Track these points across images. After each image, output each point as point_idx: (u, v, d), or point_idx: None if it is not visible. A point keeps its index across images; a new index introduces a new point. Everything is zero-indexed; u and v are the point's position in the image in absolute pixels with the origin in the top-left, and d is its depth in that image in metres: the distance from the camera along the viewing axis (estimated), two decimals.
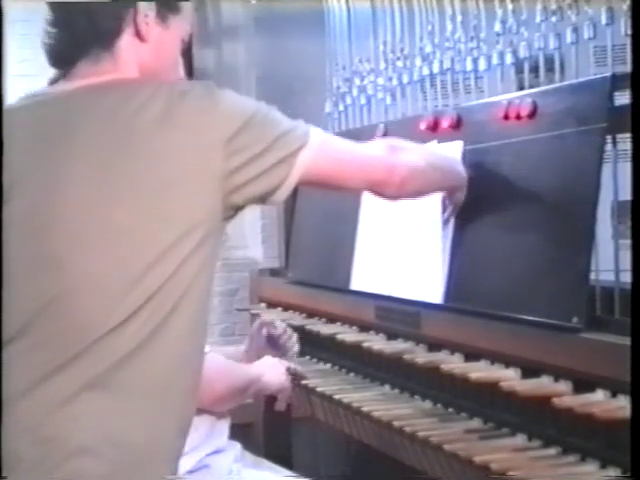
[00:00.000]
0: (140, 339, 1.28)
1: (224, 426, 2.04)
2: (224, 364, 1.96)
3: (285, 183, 1.38)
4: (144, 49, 1.42)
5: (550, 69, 1.98)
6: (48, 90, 1.43)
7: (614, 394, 1.48)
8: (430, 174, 1.74)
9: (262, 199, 1.39)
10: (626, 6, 1.69)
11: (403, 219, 2.18)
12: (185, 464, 1.88)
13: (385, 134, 2.39)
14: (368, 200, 2.38)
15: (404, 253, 2.14)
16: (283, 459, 2.55)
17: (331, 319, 2.42)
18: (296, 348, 2.27)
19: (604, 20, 1.81)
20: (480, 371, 1.75)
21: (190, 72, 4.69)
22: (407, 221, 2.16)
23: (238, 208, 1.39)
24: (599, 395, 1.51)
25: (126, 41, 1.41)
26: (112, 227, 1.28)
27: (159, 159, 1.29)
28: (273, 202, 1.40)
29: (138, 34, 1.41)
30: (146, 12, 1.41)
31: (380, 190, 1.63)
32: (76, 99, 1.36)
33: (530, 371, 1.66)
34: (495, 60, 2.16)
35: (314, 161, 1.41)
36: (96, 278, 1.27)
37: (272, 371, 2.10)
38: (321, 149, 1.43)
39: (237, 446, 2.07)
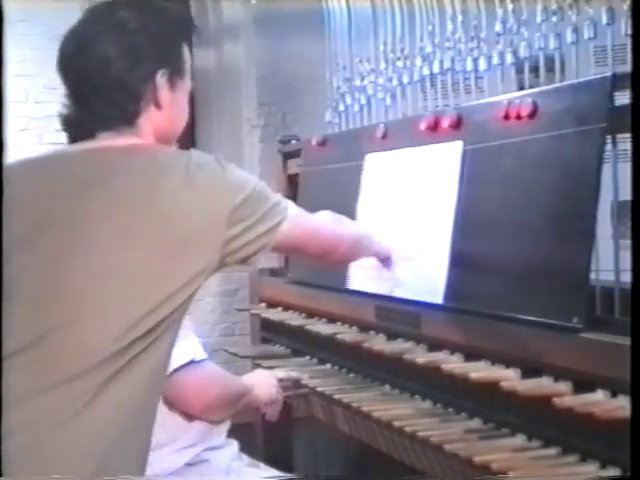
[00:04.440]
0: (121, 369, 1.37)
1: (221, 427, 2.04)
2: (218, 371, 1.96)
3: (264, 250, 1.55)
4: (158, 115, 1.52)
5: (550, 69, 1.98)
6: (72, 147, 1.52)
7: (614, 394, 1.48)
8: (361, 246, 1.99)
9: (243, 261, 1.53)
10: (626, 6, 1.69)
11: (403, 219, 2.18)
12: (183, 457, 1.90)
13: (385, 134, 2.39)
14: (367, 200, 2.38)
15: (404, 252, 2.14)
16: (283, 459, 2.55)
17: (331, 319, 2.42)
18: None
19: (604, 20, 1.81)
20: (480, 371, 1.75)
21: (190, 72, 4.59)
22: (408, 221, 2.16)
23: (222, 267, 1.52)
24: (599, 395, 1.51)
25: (145, 112, 1.50)
26: (121, 273, 1.38)
27: (175, 219, 1.40)
28: (248, 264, 1.56)
29: (156, 103, 1.51)
30: (161, 82, 1.50)
31: (326, 257, 1.86)
32: (101, 156, 1.46)
33: (530, 371, 1.66)
34: (495, 60, 2.16)
35: (289, 232, 1.58)
36: (98, 313, 1.37)
37: (262, 384, 2.13)
38: (295, 222, 1.62)
39: (234, 444, 2.07)
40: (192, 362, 1.84)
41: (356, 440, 2.14)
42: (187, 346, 1.83)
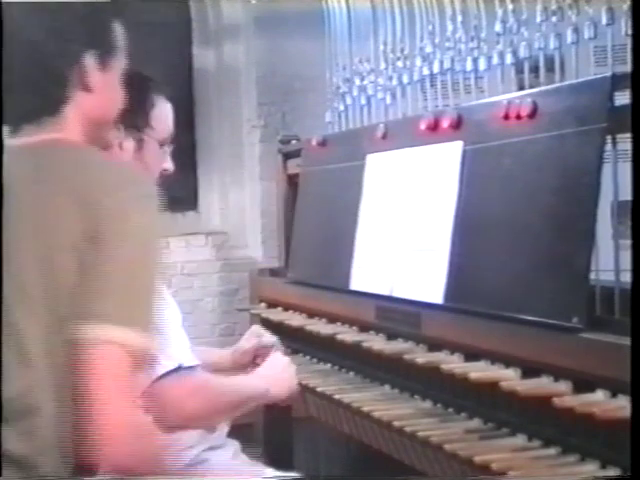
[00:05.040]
0: None
1: (221, 427, 2.02)
2: (201, 382, 1.75)
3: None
4: (88, 99, 1.38)
5: (550, 69, 1.99)
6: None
7: (614, 394, 1.48)
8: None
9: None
10: (626, 6, 1.69)
11: (404, 219, 2.18)
12: (183, 458, 1.86)
13: (385, 134, 2.39)
14: (368, 200, 2.38)
15: (405, 252, 2.14)
16: (283, 459, 2.55)
17: (331, 319, 2.42)
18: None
19: (604, 20, 1.81)
20: (480, 371, 1.75)
21: (190, 72, 4.59)
22: (408, 221, 2.16)
23: None
24: (599, 395, 1.51)
25: (73, 99, 1.37)
26: (14, 288, 1.27)
27: (43, 227, 1.28)
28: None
29: (85, 87, 1.37)
30: (89, 63, 1.37)
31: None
32: (17, 156, 1.34)
33: (530, 371, 1.66)
34: (495, 60, 2.16)
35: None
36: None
37: (279, 381, 1.94)
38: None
39: (236, 444, 2.06)
40: (176, 370, 1.69)
41: (356, 440, 2.14)
42: (170, 353, 1.68)
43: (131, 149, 1.78)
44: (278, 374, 1.95)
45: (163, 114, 1.84)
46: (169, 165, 1.86)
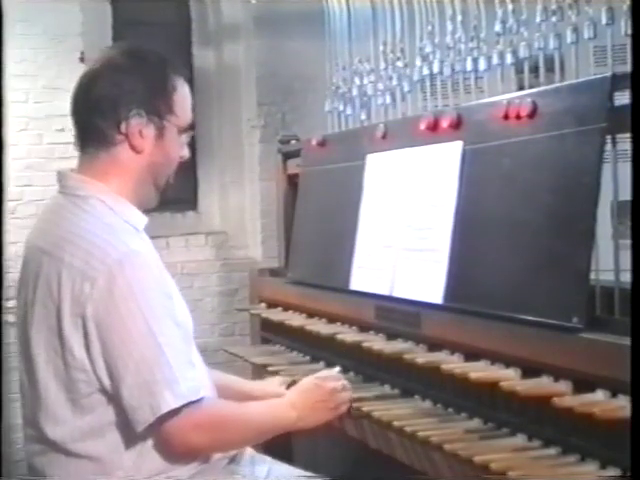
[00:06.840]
0: None
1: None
2: (206, 415, 1.64)
3: None
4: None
5: (550, 69, 1.98)
6: None
7: (614, 394, 1.48)
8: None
9: None
10: (626, 6, 1.69)
11: (403, 219, 2.18)
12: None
13: (385, 134, 2.39)
14: (368, 200, 2.38)
15: (405, 252, 2.14)
16: (283, 458, 2.54)
17: (331, 319, 2.42)
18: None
19: (604, 20, 1.81)
20: (480, 371, 1.75)
21: (190, 72, 4.60)
22: (407, 221, 2.16)
23: None
24: (599, 395, 1.51)
25: None
26: None
27: None
28: None
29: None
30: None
31: None
32: None
33: (530, 371, 1.66)
34: (495, 60, 2.16)
35: None
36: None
37: (314, 409, 1.82)
38: None
39: None
40: (185, 406, 1.59)
41: (356, 440, 2.13)
42: (179, 391, 1.59)
43: (152, 137, 1.73)
44: (312, 404, 1.83)
45: (185, 98, 1.80)
46: (186, 152, 1.83)
